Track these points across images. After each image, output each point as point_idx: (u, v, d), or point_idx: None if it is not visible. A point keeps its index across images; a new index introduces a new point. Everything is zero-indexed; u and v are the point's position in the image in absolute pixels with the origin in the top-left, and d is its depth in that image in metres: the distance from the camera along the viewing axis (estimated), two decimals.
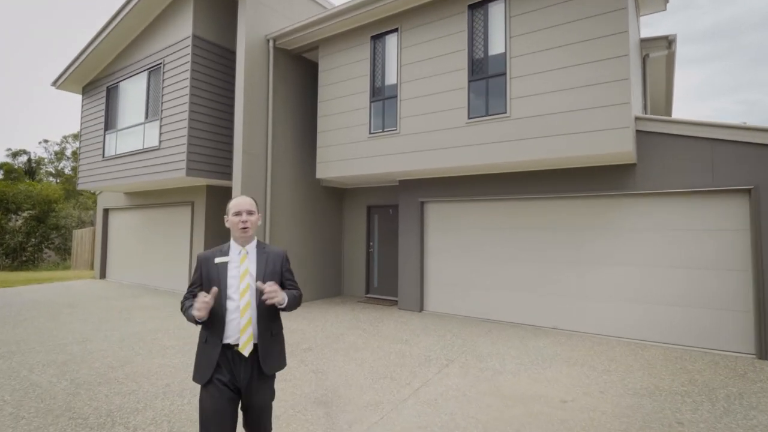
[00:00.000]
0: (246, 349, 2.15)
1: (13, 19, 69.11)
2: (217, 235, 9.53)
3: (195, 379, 2.17)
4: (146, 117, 9.15)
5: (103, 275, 12.47)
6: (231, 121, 8.93)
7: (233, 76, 8.93)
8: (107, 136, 10.20)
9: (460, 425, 3.42)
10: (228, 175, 8.84)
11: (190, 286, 2.30)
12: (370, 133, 7.35)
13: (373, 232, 9.42)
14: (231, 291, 2.18)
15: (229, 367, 2.14)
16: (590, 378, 4.51)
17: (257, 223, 2.35)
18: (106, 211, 12.69)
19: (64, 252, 19.99)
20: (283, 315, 2.40)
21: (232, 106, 8.95)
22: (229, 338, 2.15)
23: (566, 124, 5.47)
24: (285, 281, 2.37)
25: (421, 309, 7.80)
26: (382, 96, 7.31)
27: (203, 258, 2.28)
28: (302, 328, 6.57)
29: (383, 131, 7.19)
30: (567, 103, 5.48)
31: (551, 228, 6.73)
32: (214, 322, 2.15)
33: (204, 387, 2.14)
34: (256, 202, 2.40)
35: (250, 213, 2.28)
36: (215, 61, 8.68)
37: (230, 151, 8.90)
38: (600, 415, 3.63)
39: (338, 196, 9.76)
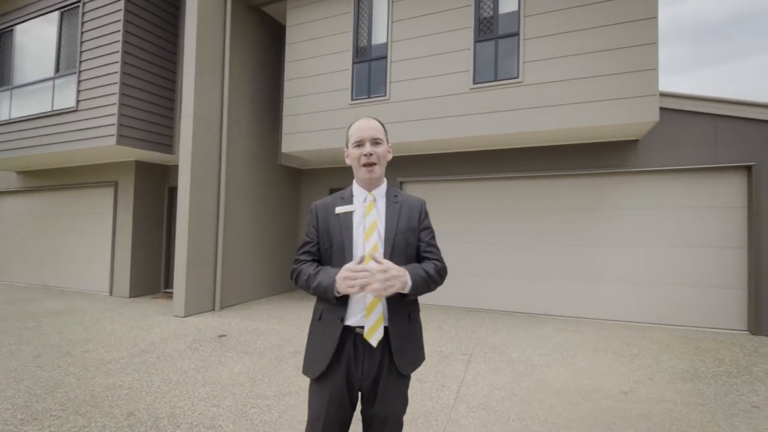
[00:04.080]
0: (374, 337, 1.52)
1: None
2: (147, 225, 7.88)
3: (305, 370, 1.61)
4: (57, 71, 7.16)
5: None
6: (174, 81, 7.34)
7: (177, 26, 7.34)
8: None
9: None
10: (167, 147, 7.26)
11: (302, 246, 1.68)
12: (352, 99, 6.38)
13: None
14: (357, 251, 1.56)
15: (349, 358, 1.54)
16: (625, 365, 4.15)
17: (387, 158, 1.68)
18: None
19: None
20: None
21: (175, 63, 7.36)
22: (352, 317, 1.55)
23: (589, 91, 5.04)
24: (422, 245, 1.65)
25: None
26: (367, 57, 6.37)
27: (320, 207, 1.69)
28: (275, 328, 5.46)
29: (368, 97, 6.28)
30: (589, 68, 5.04)
31: (541, 209, 6.37)
32: None
33: (314, 380, 1.58)
34: (384, 126, 1.69)
35: (376, 142, 1.61)
36: (156, 5, 7.01)
37: (171, 118, 7.32)
38: (673, 406, 3.21)
39: (294, 177, 8.54)
